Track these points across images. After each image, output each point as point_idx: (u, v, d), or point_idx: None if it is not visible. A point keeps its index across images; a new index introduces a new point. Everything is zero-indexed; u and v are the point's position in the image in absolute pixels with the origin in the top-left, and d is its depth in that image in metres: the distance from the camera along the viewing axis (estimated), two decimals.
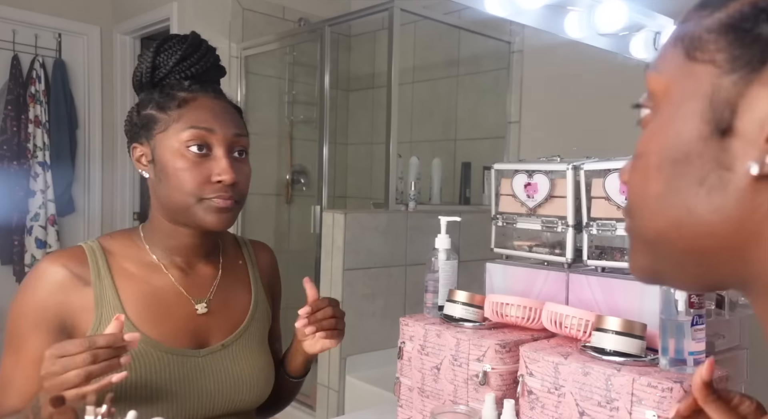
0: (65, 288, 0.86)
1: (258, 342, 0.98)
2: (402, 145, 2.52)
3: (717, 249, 0.35)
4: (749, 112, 0.32)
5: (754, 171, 0.32)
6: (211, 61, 0.94)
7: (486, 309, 1.08)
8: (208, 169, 0.87)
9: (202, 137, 0.87)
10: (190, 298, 0.92)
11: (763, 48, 0.32)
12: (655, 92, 0.38)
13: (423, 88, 3.07)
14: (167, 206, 0.89)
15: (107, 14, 3.55)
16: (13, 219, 3.25)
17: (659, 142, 0.37)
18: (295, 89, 3.23)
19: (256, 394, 0.95)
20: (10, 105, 3.20)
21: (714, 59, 0.34)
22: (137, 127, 0.92)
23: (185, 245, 0.93)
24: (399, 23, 2.20)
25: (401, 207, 2.31)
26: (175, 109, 0.88)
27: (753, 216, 0.33)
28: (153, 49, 0.91)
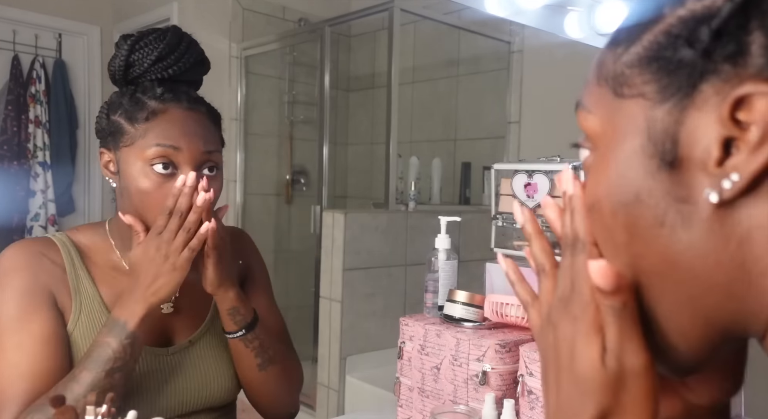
0: (46, 269, 0.84)
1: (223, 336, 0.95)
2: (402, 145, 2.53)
3: (704, 294, 0.32)
4: (692, 138, 0.31)
5: (713, 199, 0.30)
6: (192, 60, 0.88)
7: (486, 309, 1.08)
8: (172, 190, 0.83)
9: (168, 155, 0.81)
10: None
11: (689, 72, 0.31)
12: (590, 133, 0.37)
13: (423, 88, 3.07)
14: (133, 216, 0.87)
15: (107, 14, 3.55)
16: (14, 219, 3.26)
17: (607, 186, 0.35)
18: (295, 89, 3.23)
19: (225, 388, 0.94)
20: (10, 105, 3.20)
21: (643, 92, 0.33)
22: (106, 131, 0.86)
23: None
24: (399, 23, 2.20)
25: (401, 207, 2.31)
26: (143, 122, 0.82)
27: (727, 247, 0.30)
28: (128, 45, 0.85)
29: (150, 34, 0.86)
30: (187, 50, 0.88)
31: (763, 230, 0.29)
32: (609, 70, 0.35)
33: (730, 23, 0.29)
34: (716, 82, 0.30)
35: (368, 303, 2.15)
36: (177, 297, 0.92)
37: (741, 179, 0.29)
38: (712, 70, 0.30)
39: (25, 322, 0.81)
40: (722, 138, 0.29)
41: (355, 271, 2.11)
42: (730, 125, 0.29)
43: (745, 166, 0.29)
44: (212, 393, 0.93)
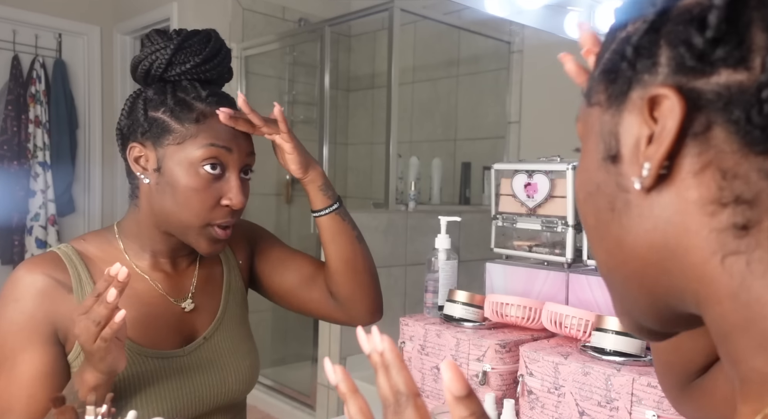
0: (50, 296, 0.81)
1: (237, 326, 0.97)
2: (402, 145, 2.53)
3: (644, 270, 0.38)
4: (627, 137, 0.37)
5: (637, 186, 0.36)
6: (227, 66, 0.91)
7: (486, 309, 1.08)
8: (218, 191, 0.84)
9: (219, 156, 0.83)
10: (172, 300, 0.91)
11: (623, 82, 0.37)
12: (579, 136, 0.43)
13: (423, 88, 3.07)
14: (166, 218, 0.86)
15: (107, 14, 3.55)
16: (14, 219, 3.26)
17: (579, 179, 0.42)
18: (295, 89, 3.23)
19: (243, 380, 0.94)
20: (10, 105, 3.20)
21: (599, 101, 0.39)
22: (143, 127, 0.85)
23: (173, 248, 0.91)
24: (399, 23, 2.20)
25: (401, 207, 2.31)
26: (193, 122, 0.83)
27: (656, 229, 0.36)
28: (174, 45, 0.85)
29: (194, 37, 0.88)
30: (226, 56, 0.91)
31: (680, 215, 0.34)
32: (587, 84, 0.42)
33: (644, 40, 0.35)
34: (639, 89, 0.36)
35: None
36: (194, 293, 0.93)
37: (652, 167, 0.34)
38: (637, 79, 0.36)
39: (18, 359, 0.79)
40: (647, 134, 0.35)
41: None
42: (650, 122, 0.35)
43: (654, 154, 0.34)
44: (230, 388, 0.92)
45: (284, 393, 2.66)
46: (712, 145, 0.33)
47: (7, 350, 0.79)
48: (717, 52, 0.32)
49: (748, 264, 0.32)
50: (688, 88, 0.33)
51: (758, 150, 0.31)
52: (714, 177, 0.33)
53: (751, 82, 0.31)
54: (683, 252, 0.35)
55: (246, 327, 0.99)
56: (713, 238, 0.33)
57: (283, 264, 1.02)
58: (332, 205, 0.95)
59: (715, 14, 0.31)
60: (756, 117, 0.31)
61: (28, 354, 0.79)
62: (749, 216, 0.32)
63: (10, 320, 0.80)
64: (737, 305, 0.33)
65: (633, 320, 0.43)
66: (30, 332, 0.80)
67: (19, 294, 0.81)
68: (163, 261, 0.91)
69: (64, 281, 0.83)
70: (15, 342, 0.79)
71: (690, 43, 0.32)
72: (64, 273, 0.84)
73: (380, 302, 1.01)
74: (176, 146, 0.83)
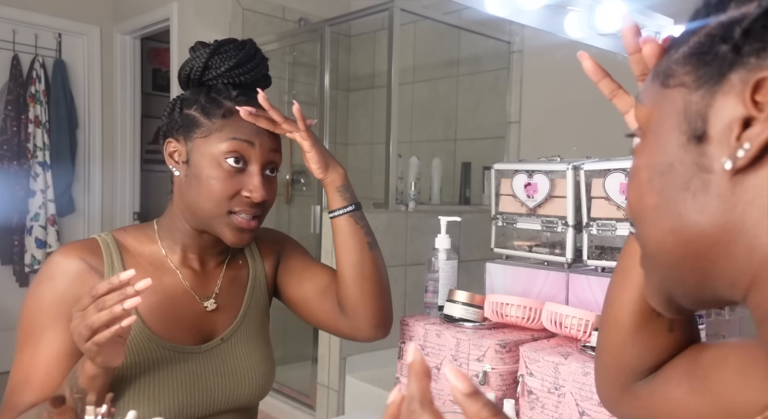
0: (82, 279, 0.85)
1: (256, 331, 0.98)
2: (402, 145, 2.53)
3: (707, 250, 0.39)
4: (718, 118, 0.37)
5: (728, 166, 0.36)
6: (264, 71, 0.95)
7: (486, 309, 1.08)
8: (240, 183, 0.87)
9: (242, 150, 0.87)
10: (197, 297, 0.93)
11: (720, 64, 0.37)
12: (641, 120, 0.44)
13: (423, 88, 3.07)
14: (192, 209, 0.89)
15: (107, 14, 3.55)
16: (13, 219, 3.26)
17: (647, 159, 0.42)
18: (295, 89, 3.23)
19: (256, 386, 0.95)
20: (10, 105, 3.20)
21: (683, 81, 0.40)
22: (177, 123, 0.91)
23: (202, 245, 0.94)
24: (399, 23, 2.20)
25: (401, 207, 2.31)
26: (220, 117, 0.88)
27: (734, 210, 0.37)
28: (209, 50, 0.91)
29: (230, 43, 0.93)
30: (260, 63, 0.95)
31: (763, 198, 0.36)
32: (661, 67, 0.43)
33: (756, 25, 0.36)
34: (742, 71, 0.36)
35: None
36: (218, 294, 0.95)
37: (752, 148, 0.35)
38: (739, 62, 0.36)
39: (44, 335, 0.83)
40: (743, 117, 0.36)
41: None
42: (750, 105, 0.35)
43: (757, 137, 0.35)
44: (242, 391, 0.93)
45: (284, 393, 2.66)
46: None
47: (36, 325, 0.83)
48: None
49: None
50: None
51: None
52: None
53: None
54: (755, 235, 0.36)
55: (265, 334, 1.00)
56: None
57: (301, 275, 1.03)
58: (346, 207, 0.96)
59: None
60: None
61: (53, 331, 0.83)
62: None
63: (42, 297, 0.84)
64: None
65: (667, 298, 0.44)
66: (57, 311, 0.83)
67: (53, 274, 0.85)
68: (192, 256, 0.94)
69: (96, 267, 0.87)
70: (44, 319, 0.83)
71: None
72: (98, 259, 0.88)
73: (387, 316, 0.99)
74: (203, 139, 0.88)
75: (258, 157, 0.88)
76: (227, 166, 0.87)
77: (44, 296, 0.84)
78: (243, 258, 1.02)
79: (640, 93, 0.45)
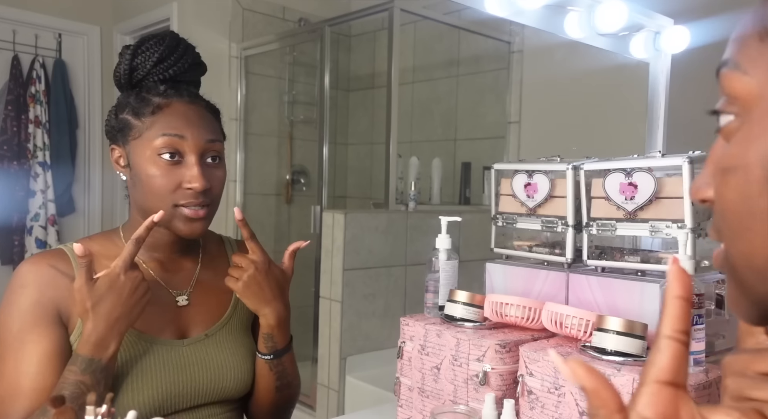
0: (55, 284, 0.87)
1: (241, 332, 1.00)
2: (402, 145, 2.52)
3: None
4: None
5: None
6: (190, 61, 0.95)
7: (486, 309, 1.08)
8: (179, 176, 0.89)
9: (174, 144, 0.89)
10: (170, 291, 0.95)
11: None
12: (742, 96, 0.34)
13: (423, 88, 3.07)
14: (143, 209, 0.91)
15: (107, 14, 3.55)
16: (14, 219, 3.26)
17: (759, 152, 0.32)
18: (295, 89, 3.23)
19: (241, 380, 0.96)
20: (10, 105, 3.20)
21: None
22: (115, 130, 0.93)
23: (163, 243, 0.96)
24: (399, 23, 2.20)
25: (401, 207, 2.31)
26: (149, 115, 0.89)
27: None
28: (130, 51, 0.92)
29: (150, 40, 0.93)
30: (185, 52, 0.95)
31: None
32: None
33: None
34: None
35: (368, 303, 2.15)
36: (191, 292, 0.97)
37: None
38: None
39: (26, 340, 0.84)
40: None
41: (355, 271, 2.11)
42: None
43: None
44: (227, 385, 0.95)
45: None
46: None
47: (15, 332, 0.84)
48: None
49: None
50: None
51: None
52: None
53: None
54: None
55: (249, 336, 1.02)
56: None
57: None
58: (265, 354, 0.97)
59: None
60: None
61: (35, 334, 0.84)
62: None
63: (17, 305, 0.85)
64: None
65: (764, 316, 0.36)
66: (36, 315, 0.85)
67: (24, 282, 0.86)
68: (158, 255, 0.96)
69: (67, 272, 0.88)
70: (23, 325, 0.84)
71: None
72: (67, 265, 0.89)
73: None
74: (137, 140, 0.90)
75: (193, 148, 0.89)
76: (163, 162, 0.88)
77: (19, 303, 0.85)
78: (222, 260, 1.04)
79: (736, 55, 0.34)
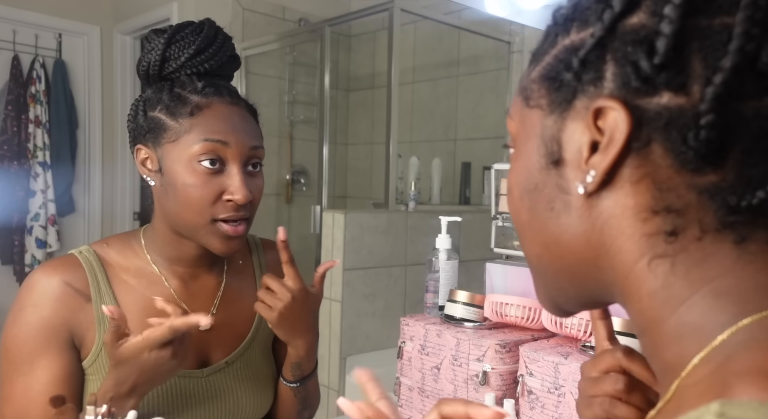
0: (67, 304, 0.80)
1: (263, 356, 0.94)
2: (402, 145, 2.52)
3: (579, 265, 0.40)
4: (570, 142, 0.38)
5: (580, 190, 0.38)
6: (229, 53, 0.87)
7: (486, 309, 1.08)
8: (219, 186, 0.79)
9: (216, 151, 0.78)
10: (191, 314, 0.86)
11: (566, 91, 0.38)
12: (512, 134, 0.45)
13: (423, 88, 3.07)
14: (173, 219, 0.82)
15: (107, 14, 3.55)
16: (14, 219, 3.25)
17: (517, 177, 0.43)
18: (295, 89, 3.23)
19: (260, 409, 0.92)
20: (10, 105, 3.20)
21: (540, 104, 0.40)
22: (143, 128, 0.83)
23: (189, 256, 0.87)
24: (399, 23, 2.20)
25: (401, 207, 2.31)
26: (187, 117, 0.79)
27: (593, 230, 0.38)
28: (165, 39, 0.82)
29: (186, 27, 0.84)
30: (224, 44, 0.86)
31: (616, 218, 0.37)
32: (523, 84, 0.43)
33: (591, 55, 0.36)
34: (584, 99, 0.37)
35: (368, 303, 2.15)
36: (215, 313, 0.88)
37: (597, 174, 0.37)
38: (581, 90, 0.37)
39: (36, 364, 0.78)
40: (590, 141, 0.37)
41: (355, 271, 2.11)
42: (594, 130, 0.36)
43: (599, 163, 0.36)
44: (246, 415, 0.89)
45: None
46: (650, 159, 0.35)
47: (25, 354, 0.78)
48: (661, 76, 0.34)
49: (672, 265, 0.36)
50: (632, 104, 0.35)
51: (690, 168, 0.34)
52: (649, 187, 0.36)
53: (689, 107, 0.34)
54: (616, 252, 0.38)
55: (270, 357, 0.96)
56: (644, 242, 0.36)
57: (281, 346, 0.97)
58: (292, 382, 0.93)
59: (663, 42, 0.33)
60: (692, 140, 0.34)
61: (45, 359, 0.78)
62: (677, 224, 0.35)
63: (28, 324, 0.79)
64: (655, 302, 0.37)
65: (555, 303, 0.46)
66: (47, 337, 0.78)
67: (36, 299, 0.79)
68: (182, 270, 0.87)
69: (82, 290, 0.81)
70: (33, 347, 0.78)
71: (637, 65, 0.34)
72: (82, 280, 0.81)
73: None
74: (172, 144, 0.80)
75: (236, 155, 0.80)
76: (202, 170, 0.78)
77: (30, 323, 0.78)
78: (250, 273, 0.96)
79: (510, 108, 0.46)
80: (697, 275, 0.35)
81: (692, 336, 0.35)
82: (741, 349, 0.32)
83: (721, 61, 0.32)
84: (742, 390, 0.29)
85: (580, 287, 0.42)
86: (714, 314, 0.34)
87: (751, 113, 0.33)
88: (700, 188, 0.35)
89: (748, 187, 0.34)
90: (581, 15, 0.38)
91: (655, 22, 0.34)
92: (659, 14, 0.34)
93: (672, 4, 0.33)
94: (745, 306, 0.34)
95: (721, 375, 0.31)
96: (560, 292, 0.44)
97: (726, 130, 0.33)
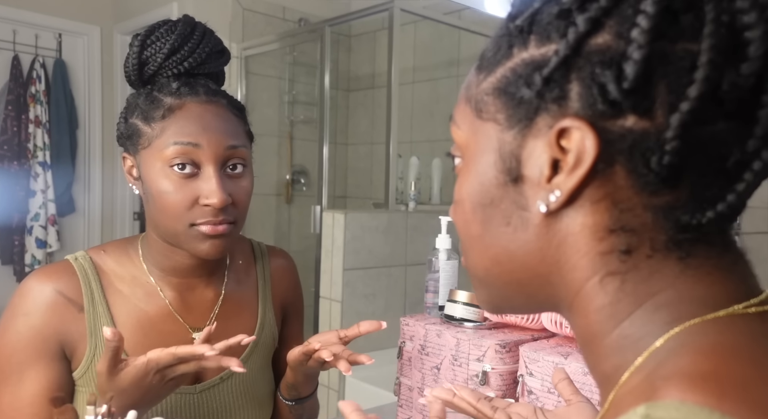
0: (59, 313, 0.78)
1: (260, 369, 0.92)
2: (402, 145, 2.53)
3: (530, 280, 0.41)
4: (530, 160, 0.37)
5: (542, 209, 0.37)
6: (208, 50, 0.82)
7: None
8: (195, 191, 0.75)
9: (187, 154, 0.74)
10: (187, 327, 0.84)
11: (527, 108, 0.37)
12: (459, 144, 0.43)
13: (423, 88, 3.07)
14: (156, 227, 0.80)
15: (107, 14, 3.55)
16: (14, 219, 3.25)
17: (469, 189, 0.42)
18: (295, 89, 3.23)
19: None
20: (10, 105, 3.20)
21: (496, 118, 0.39)
22: (124, 136, 0.81)
23: (183, 266, 0.83)
24: (399, 23, 2.20)
25: (401, 207, 2.31)
26: (159, 120, 0.76)
27: (550, 247, 0.38)
28: (138, 42, 0.79)
29: (160, 27, 0.81)
30: (202, 40, 0.82)
31: (574, 236, 0.37)
32: (472, 93, 0.42)
33: (555, 73, 0.35)
34: (547, 117, 0.36)
35: (368, 303, 2.15)
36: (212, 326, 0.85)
37: (561, 194, 0.36)
38: (544, 107, 0.36)
39: (25, 375, 0.76)
40: (551, 160, 0.36)
41: (355, 271, 2.11)
42: (556, 150, 0.36)
43: (564, 184, 0.36)
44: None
45: None
46: (612, 180, 0.35)
47: (14, 364, 0.77)
48: (628, 100, 0.34)
49: (622, 282, 0.36)
50: (598, 126, 0.35)
51: (649, 189, 0.35)
52: (608, 207, 0.36)
53: (654, 131, 0.34)
54: (570, 269, 0.38)
55: (268, 372, 0.94)
56: (598, 260, 0.37)
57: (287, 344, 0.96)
58: (287, 400, 0.92)
59: (632, 67, 0.33)
60: (655, 164, 0.34)
61: (34, 370, 0.77)
62: (631, 243, 0.36)
63: (18, 334, 0.77)
64: (601, 317, 0.37)
65: (497, 308, 0.46)
66: (37, 348, 0.77)
67: (28, 308, 0.77)
68: (177, 280, 0.85)
69: (74, 299, 0.79)
70: (23, 357, 0.77)
71: (605, 89, 0.34)
72: (75, 289, 0.79)
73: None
74: (146, 150, 0.77)
75: (210, 157, 0.75)
76: (175, 175, 0.75)
77: (21, 332, 0.76)
78: (252, 283, 0.93)
79: (454, 115, 0.44)
80: (643, 290, 0.36)
81: (631, 347, 0.35)
82: (671, 355, 0.33)
83: (688, 90, 0.32)
84: (666, 393, 0.30)
85: (527, 298, 0.42)
86: (651, 325, 0.35)
87: (707, 137, 0.34)
88: (655, 208, 0.35)
89: (700, 206, 0.35)
90: (541, 29, 0.37)
91: (621, 44, 0.33)
92: (625, 37, 0.33)
93: (640, 28, 0.33)
94: (680, 316, 0.34)
95: (650, 380, 0.32)
96: (505, 301, 0.44)
97: (685, 154, 0.34)
